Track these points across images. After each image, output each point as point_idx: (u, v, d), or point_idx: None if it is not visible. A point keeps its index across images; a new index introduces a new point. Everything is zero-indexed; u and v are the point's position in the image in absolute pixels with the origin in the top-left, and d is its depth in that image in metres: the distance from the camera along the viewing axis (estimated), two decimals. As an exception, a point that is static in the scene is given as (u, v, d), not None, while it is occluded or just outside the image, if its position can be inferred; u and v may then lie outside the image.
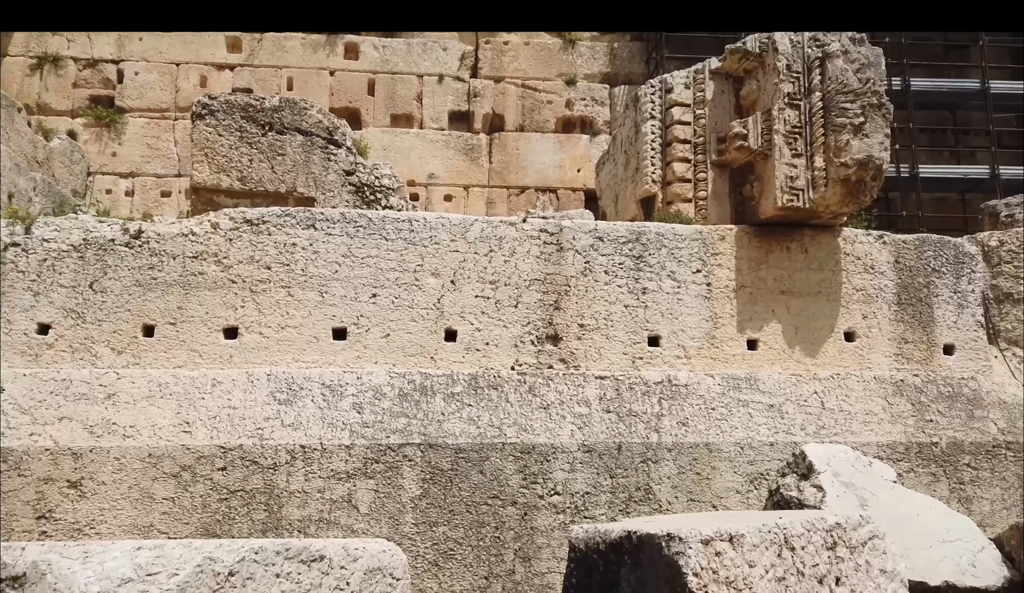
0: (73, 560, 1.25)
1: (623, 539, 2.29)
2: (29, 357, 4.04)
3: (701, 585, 2.05)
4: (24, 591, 1.26)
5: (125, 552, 1.28)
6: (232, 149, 5.24)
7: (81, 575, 1.22)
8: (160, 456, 3.78)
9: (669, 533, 2.08)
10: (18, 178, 6.59)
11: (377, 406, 4.02)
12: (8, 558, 1.29)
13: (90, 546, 1.30)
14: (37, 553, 1.29)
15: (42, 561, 1.25)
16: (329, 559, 1.62)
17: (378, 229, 4.32)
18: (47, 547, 1.31)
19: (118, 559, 1.26)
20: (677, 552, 2.04)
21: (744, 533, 2.10)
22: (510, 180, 9.22)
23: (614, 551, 2.33)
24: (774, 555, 2.17)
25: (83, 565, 1.24)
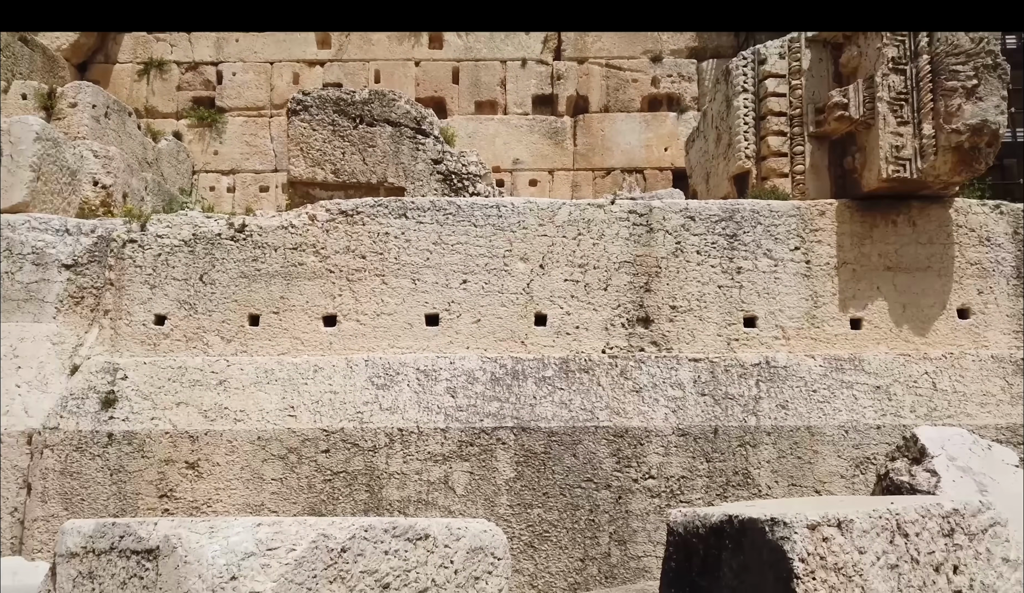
0: (200, 535, 1.33)
1: (724, 523, 2.25)
2: (148, 346, 4.31)
3: (808, 571, 1.99)
4: (158, 563, 1.35)
5: (247, 528, 1.36)
6: (325, 143, 5.40)
7: (208, 549, 1.30)
8: (268, 439, 3.96)
9: (773, 518, 2.03)
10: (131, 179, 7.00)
11: (470, 390, 4.08)
12: (143, 532, 1.39)
13: (215, 522, 1.38)
14: (168, 528, 1.38)
15: (173, 535, 1.34)
16: (433, 538, 1.66)
17: (467, 216, 4.37)
18: (176, 522, 1.40)
19: (241, 534, 1.34)
20: (782, 537, 1.98)
21: (853, 518, 2.02)
22: (595, 162, 9.12)
23: (715, 535, 2.29)
24: (886, 541, 2.08)
25: (209, 539, 1.32)
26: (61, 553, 1.48)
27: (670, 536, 2.51)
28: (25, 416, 3.98)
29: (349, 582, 1.45)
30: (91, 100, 7.35)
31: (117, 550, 1.40)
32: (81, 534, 1.47)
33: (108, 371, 4.16)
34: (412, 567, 1.60)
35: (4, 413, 3.97)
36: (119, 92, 9.21)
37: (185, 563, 1.31)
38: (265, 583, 1.28)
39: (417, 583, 1.59)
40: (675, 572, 2.45)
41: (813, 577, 1.99)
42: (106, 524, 1.46)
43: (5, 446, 3.87)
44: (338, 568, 1.43)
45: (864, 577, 2.01)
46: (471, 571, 1.76)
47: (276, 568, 1.31)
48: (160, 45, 9.60)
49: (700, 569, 2.34)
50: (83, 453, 3.90)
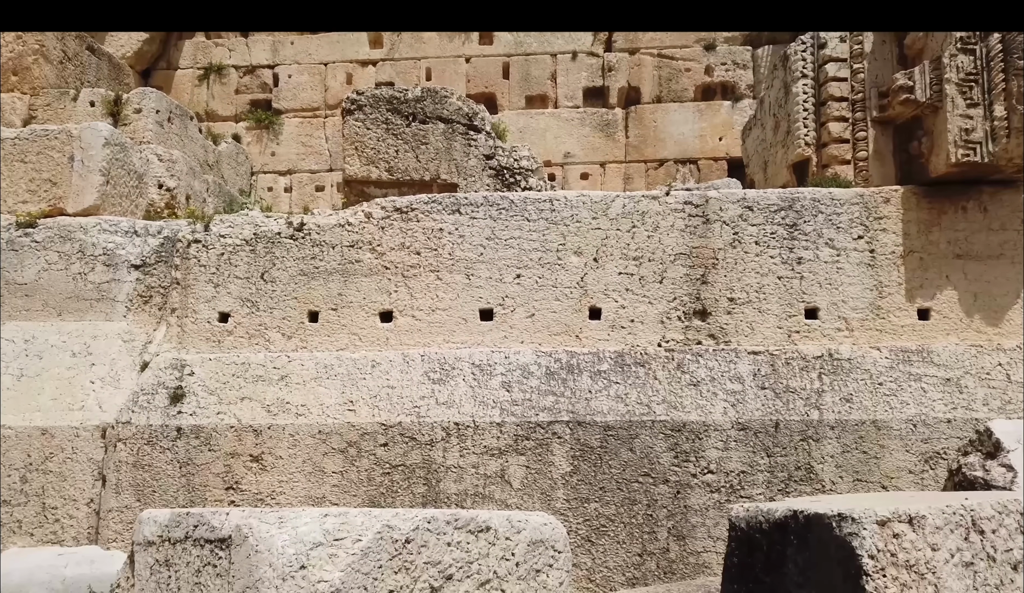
0: (270, 525, 1.37)
1: (788, 519, 2.20)
2: (213, 343, 4.44)
3: (878, 568, 1.93)
4: (230, 552, 1.39)
5: (314, 518, 1.39)
6: (379, 141, 5.47)
7: (278, 538, 1.33)
8: (329, 433, 4.05)
9: (840, 513, 1.97)
10: (193, 181, 7.22)
11: (525, 384, 4.09)
12: (216, 522, 1.43)
13: (283, 513, 1.42)
14: (239, 518, 1.42)
15: (244, 525, 1.38)
16: (494, 530, 1.67)
17: (520, 210, 4.37)
18: (247, 513, 1.44)
19: (309, 524, 1.37)
20: (850, 533, 1.93)
21: (925, 514, 1.96)
22: (648, 154, 9.02)
23: (778, 531, 2.24)
24: (960, 538, 2.01)
25: (279, 529, 1.36)
26: (139, 542, 1.55)
27: (732, 531, 2.47)
28: (99, 411, 4.14)
29: (413, 573, 1.46)
30: (155, 105, 7.60)
31: (192, 539, 1.45)
32: (157, 523, 1.53)
33: (176, 367, 4.30)
34: (474, 559, 1.61)
35: (80, 408, 4.15)
36: (180, 97, 9.50)
37: (256, 552, 1.34)
38: (333, 572, 1.31)
39: (479, 575, 1.61)
40: (738, 568, 2.41)
41: (884, 574, 1.93)
42: (181, 514, 1.51)
43: (81, 440, 4.05)
44: (402, 559, 1.45)
45: (937, 575, 1.94)
46: (532, 564, 1.76)
47: (343, 558, 1.34)
48: (219, 50, 9.87)
49: (764, 565, 2.29)
50: (154, 446, 4.05)
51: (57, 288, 4.56)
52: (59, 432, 4.05)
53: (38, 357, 4.36)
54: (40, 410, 4.13)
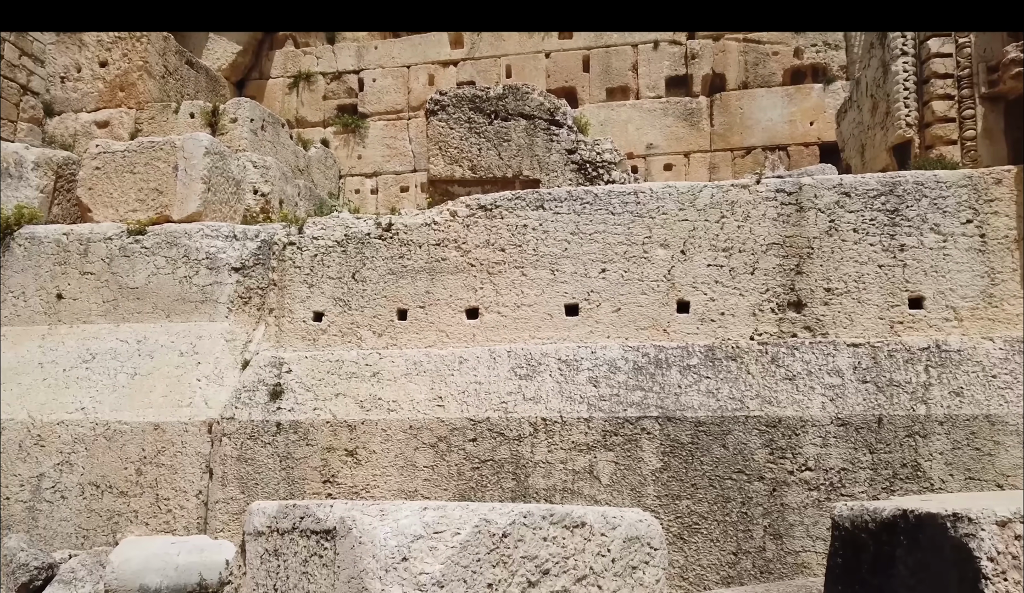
0: (372, 517, 1.41)
1: (897, 518, 2.10)
2: (308, 341, 4.60)
3: (998, 571, 1.81)
4: (335, 543, 1.44)
5: (414, 512, 1.42)
6: (462, 140, 5.54)
7: (380, 530, 1.37)
8: (419, 428, 4.13)
9: (955, 513, 1.87)
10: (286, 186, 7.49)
11: (612, 380, 4.05)
12: (321, 514, 1.48)
13: (384, 506, 1.46)
14: (343, 510, 1.47)
15: (348, 517, 1.43)
16: (590, 526, 1.66)
17: (604, 204, 4.33)
18: (350, 505, 1.49)
19: (409, 517, 1.40)
20: (967, 534, 1.82)
21: (1052, 516, 1.82)
22: (734, 142, 8.78)
23: (886, 531, 2.14)
24: (1092, 543, 1.86)
25: (381, 522, 1.39)
26: (249, 532, 1.62)
27: (835, 531, 2.38)
28: (205, 407, 4.36)
29: (511, 567, 1.47)
30: (249, 114, 7.94)
31: (298, 530, 1.51)
32: (266, 515, 1.60)
33: (274, 365, 4.48)
34: (570, 554, 1.61)
35: (188, 405, 4.38)
36: (272, 105, 9.89)
37: (360, 543, 1.38)
38: (434, 565, 1.34)
39: (575, 570, 1.60)
40: (842, 568, 2.31)
41: (1004, 578, 1.81)
42: (288, 506, 1.57)
43: (190, 435, 4.27)
44: (500, 552, 1.46)
45: (1067, 581, 1.80)
46: (628, 560, 1.75)
47: (443, 551, 1.36)
48: (307, 58, 10.21)
49: (871, 566, 2.20)
50: (256, 441, 4.23)
51: (165, 291, 4.82)
52: (170, 427, 4.29)
53: (149, 356, 4.63)
54: (152, 406, 4.38)
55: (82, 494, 4.26)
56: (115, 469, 4.27)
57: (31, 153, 5.34)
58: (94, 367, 4.63)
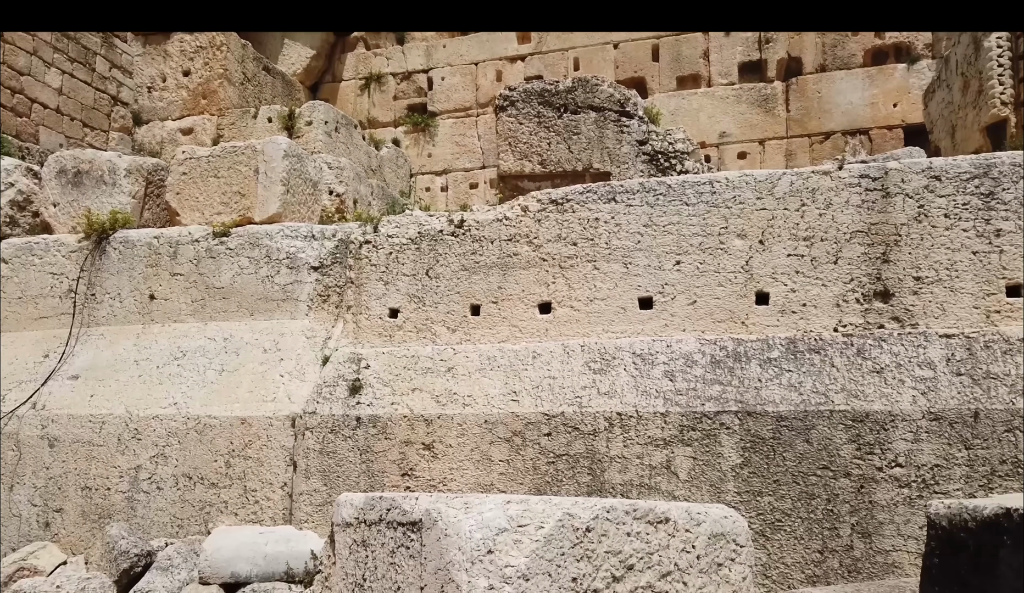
0: (457, 510, 1.43)
1: (1000, 517, 1.99)
2: (384, 337, 4.70)
3: (1116, 577, 1.70)
4: (421, 535, 1.46)
5: (497, 505, 1.43)
6: (532, 135, 5.54)
7: (465, 523, 1.38)
8: (494, 422, 4.15)
9: (1066, 513, 1.76)
10: (359, 186, 7.66)
11: (689, 373, 3.98)
12: (407, 506, 1.51)
13: (468, 499, 1.47)
14: (427, 503, 1.49)
15: (433, 510, 1.45)
16: (674, 521, 1.64)
17: (678, 195, 4.26)
18: (434, 498, 1.51)
19: (493, 511, 1.41)
20: (1080, 536, 1.71)
21: None
22: (811, 127, 8.48)
23: (988, 530, 2.04)
24: None
25: (466, 515, 1.41)
26: (337, 523, 1.66)
27: (931, 530, 2.27)
28: (288, 402, 4.51)
29: (595, 561, 1.47)
30: (323, 117, 8.14)
31: (385, 522, 1.54)
32: (353, 506, 1.64)
33: (353, 361, 4.59)
34: (654, 550, 1.59)
35: (272, 400, 4.53)
36: (345, 107, 10.12)
37: (445, 536, 1.40)
38: (519, 558, 1.34)
39: (660, 566, 1.58)
40: (939, 569, 2.21)
41: (1124, 584, 1.70)
42: (374, 498, 1.61)
43: (274, 429, 4.42)
44: (584, 547, 1.45)
45: None
46: (713, 557, 1.71)
47: (527, 544, 1.37)
48: (378, 60, 10.41)
49: (971, 567, 2.09)
50: (337, 435, 4.35)
51: (248, 290, 5.00)
52: (256, 421, 4.45)
53: (235, 353, 4.82)
54: (239, 401, 4.55)
55: (176, 485, 4.47)
56: (206, 461, 4.46)
57: (123, 161, 5.63)
58: (185, 364, 4.84)
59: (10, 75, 7.76)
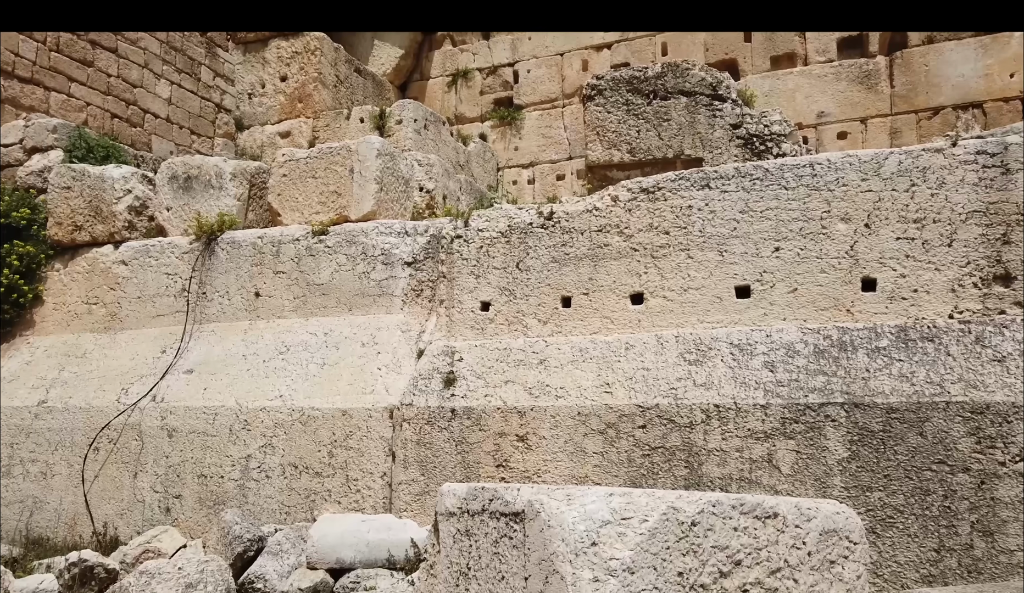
0: (559, 502, 1.42)
1: None
2: (476, 330, 4.75)
3: None
4: (524, 525, 1.47)
5: (600, 497, 1.42)
6: (620, 123, 5.47)
7: (568, 515, 1.38)
8: (587, 414, 4.14)
9: None
10: (448, 182, 7.77)
11: (791, 364, 3.84)
12: (509, 497, 1.52)
13: (570, 490, 1.47)
14: (529, 494, 1.50)
15: (535, 501, 1.45)
16: (783, 517, 1.58)
17: (776, 179, 4.11)
18: (536, 489, 1.52)
19: (596, 503, 1.40)
20: None
21: None
22: (918, 103, 8.00)
23: None
24: None
25: (568, 506, 1.40)
26: (441, 512, 1.70)
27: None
28: (386, 394, 4.63)
29: (701, 556, 1.44)
30: (412, 115, 8.30)
31: (488, 512, 1.56)
32: (456, 496, 1.67)
33: (447, 354, 4.67)
34: (762, 546, 1.54)
35: (370, 392, 4.67)
36: (433, 104, 10.28)
37: (548, 527, 1.40)
38: (623, 551, 1.33)
39: (769, 562, 1.53)
40: (1077, 574, 2.05)
41: None
42: (477, 488, 1.63)
43: (373, 420, 4.55)
44: (689, 541, 1.43)
45: None
46: (825, 554, 1.65)
47: (632, 537, 1.35)
48: (464, 56, 10.52)
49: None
50: (433, 426, 4.43)
51: (346, 286, 5.17)
52: (356, 413, 4.60)
53: (335, 347, 4.99)
54: (340, 394, 4.71)
55: (283, 474, 4.68)
56: (310, 451, 4.64)
57: (228, 165, 5.91)
58: (288, 358, 5.05)
59: (124, 88, 8.29)
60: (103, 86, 8.06)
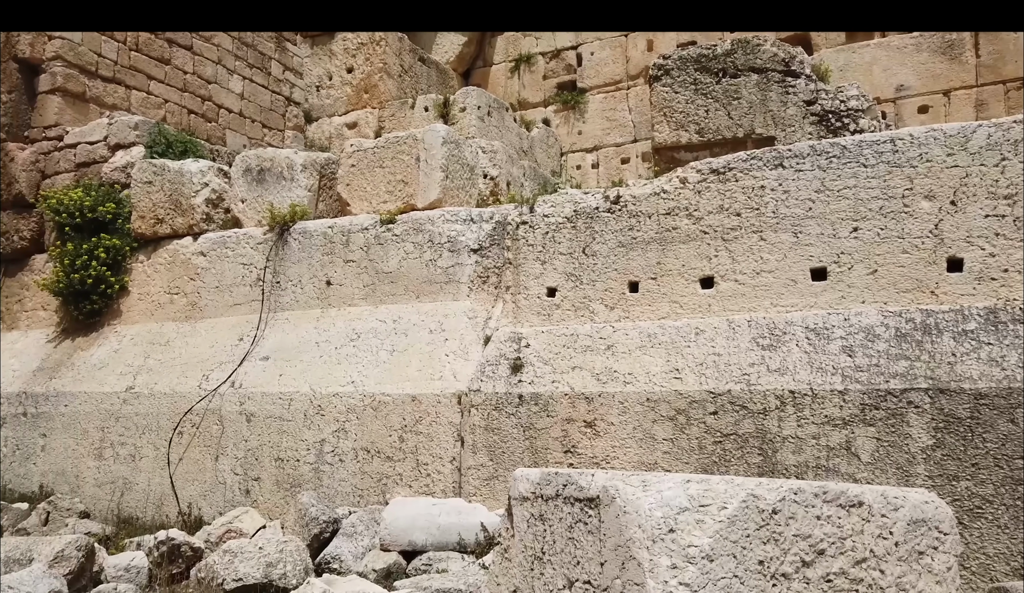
0: (634, 487, 1.41)
1: None
2: (543, 316, 4.75)
3: None
4: (599, 511, 1.46)
5: (677, 484, 1.40)
6: (688, 103, 5.35)
7: (645, 501, 1.36)
8: (656, 400, 4.09)
9: None
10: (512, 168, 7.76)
11: (870, 348, 3.70)
12: (583, 482, 1.51)
13: (646, 477, 1.45)
14: (604, 480, 1.49)
15: (610, 486, 1.44)
16: (868, 506, 1.53)
17: (854, 156, 3.95)
18: (610, 475, 1.50)
19: (672, 489, 1.38)
20: None
21: None
22: (1007, 73, 7.55)
23: None
24: None
25: (644, 492, 1.39)
26: (515, 497, 1.70)
27: None
28: (454, 380, 4.68)
29: (782, 544, 1.40)
30: (476, 102, 8.32)
31: (562, 497, 1.55)
32: (529, 481, 1.67)
33: (513, 340, 4.68)
34: (847, 535, 1.49)
35: (439, 378, 4.73)
36: (496, 90, 10.27)
37: (624, 513, 1.39)
38: (702, 538, 1.30)
39: (854, 552, 1.48)
40: None
41: None
42: (550, 473, 1.63)
43: (442, 406, 4.61)
44: (770, 529, 1.39)
45: None
46: (913, 545, 1.58)
47: (710, 524, 1.32)
48: (527, 41, 10.46)
49: None
50: (500, 412, 4.46)
51: (414, 274, 5.23)
52: (424, 399, 4.66)
53: (404, 334, 5.06)
54: (409, 380, 4.79)
55: (356, 458, 4.79)
56: (381, 436, 4.74)
57: (299, 157, 6.05)
58: (359, 345, 5.16)
59: (199, 84, 8.57)
60: (180, 83, 8.36)
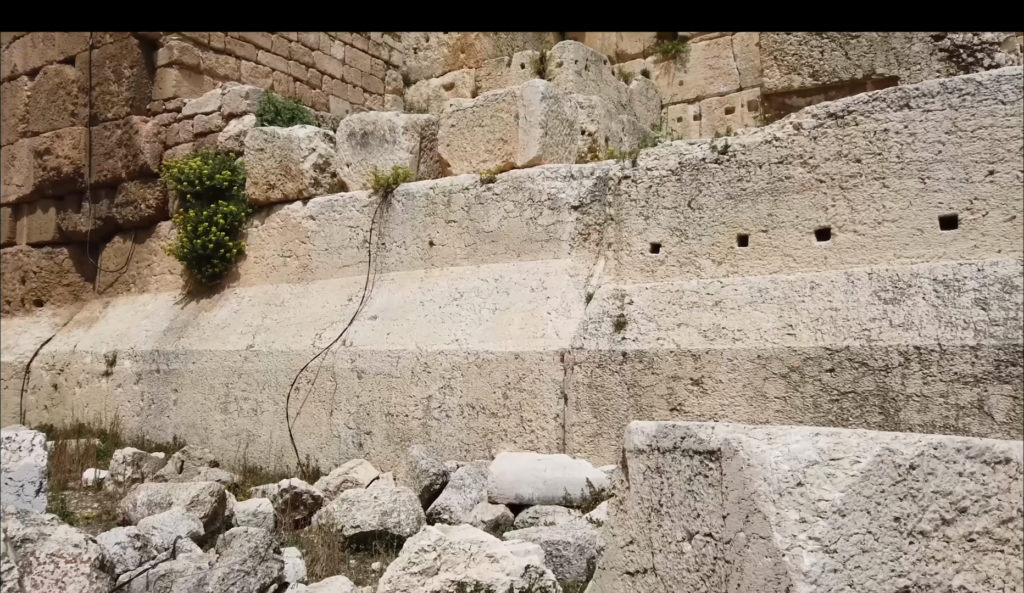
0: (759, 440, 1.36)
1: None
2: (646, 273, 4.65)
3: None
4: (720, 464, 1.42)
5: (805, 437, 1.34)
6: (801, 45, 5.04)
7: (770, 454, 1.31)
8: (768, 358, 3.95)
9: None
10: (610, 123, 7.60)
11: (1007, 301, 3.43)
12: (703, 435, 1.47)
13: (771, 430, 1.40)
14: (725, 432, 1.44)
15: (732, 439, 1.39)
16: (1016, 462, 1.41)
17: (991, 93, 3.62)
18: (732, 428, 1.45)
19: (800, 442, 1.32)
20: None
21: None
22: None
23: None
24: None
25: (769, 445, 1.33)
26: (629, 449, 1.68)
27: None
28: (556, 338, 4.68)
29: (920, 501, 1.32)
30: (573, 56, 8.16)
31: (680, 449, 1.52)
32: (645, 434, 1.64)
33: (616, 297, 4.62)
34: (991, 493, 1.38)
35: (541, 336, 4.74)
36: (593, 43, 10.04)
37: (748, 466, 1.34)
38: (832, 493, 1.24)
39: (999, 511, 1.38)
40: None
41: None
42: (667, 426, 1.59)
43: (545, 363, 4.62)
44: (907, 485, 1.31)
45: None
46: (1068, 507, 1.45)
47: (842, 478, 1.26)
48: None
49: None
50: (604, 369, 4.43)
51: (514, 233, 5.23)
52: (527, 357, 4.69)
53: (506, 293, 5.09)
54: (511, 338, 4.82)
55: (461, 414, 4.89)
56: (485, 393, 4.81)
57: (400, 119, 6.13)
58: (462, 304, 5.23)
59: (303, 52, 8.81)
60: (285, 51, 8.61)
